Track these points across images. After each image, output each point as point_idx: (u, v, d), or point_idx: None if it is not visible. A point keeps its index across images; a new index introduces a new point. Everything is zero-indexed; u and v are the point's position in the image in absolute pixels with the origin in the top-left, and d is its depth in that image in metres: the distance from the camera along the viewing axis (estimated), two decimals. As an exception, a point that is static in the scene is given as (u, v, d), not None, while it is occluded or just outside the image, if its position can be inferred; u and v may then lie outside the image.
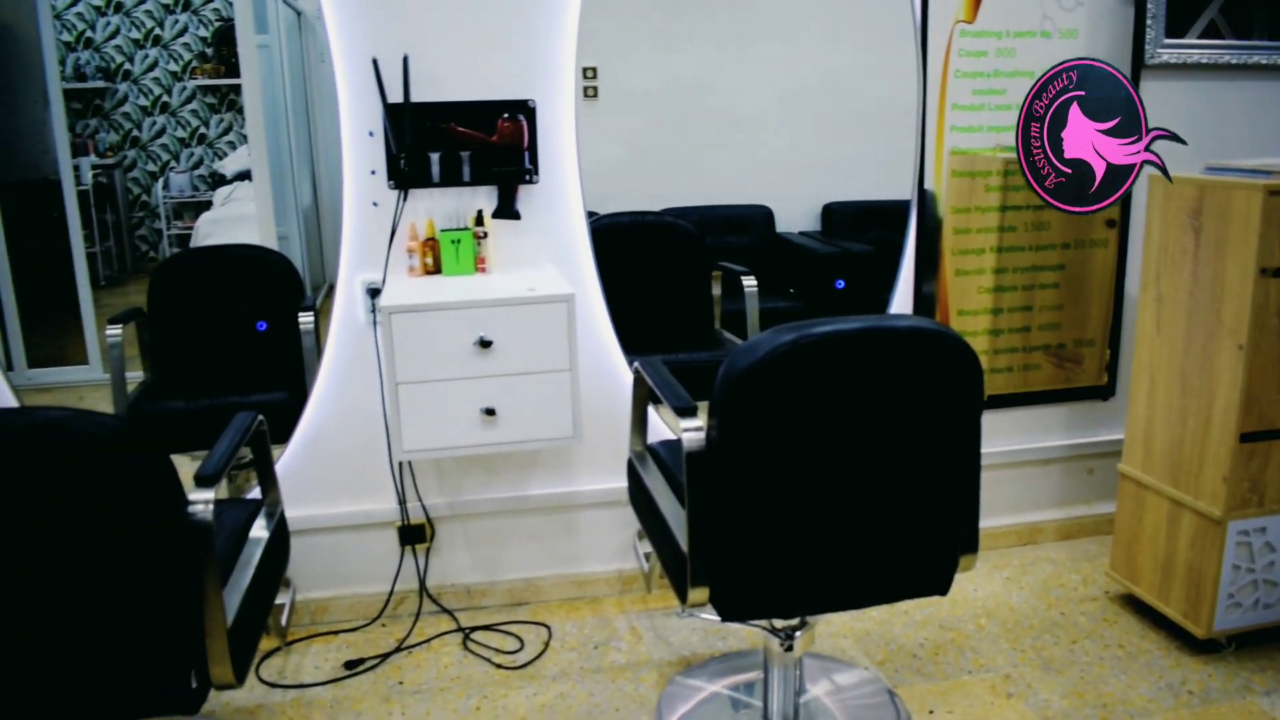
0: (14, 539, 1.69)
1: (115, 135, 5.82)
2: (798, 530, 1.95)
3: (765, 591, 2.02)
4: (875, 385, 1.88)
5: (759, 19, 3.28)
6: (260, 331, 3.05)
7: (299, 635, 2.92)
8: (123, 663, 1.79)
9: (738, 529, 1.95)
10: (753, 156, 3.43)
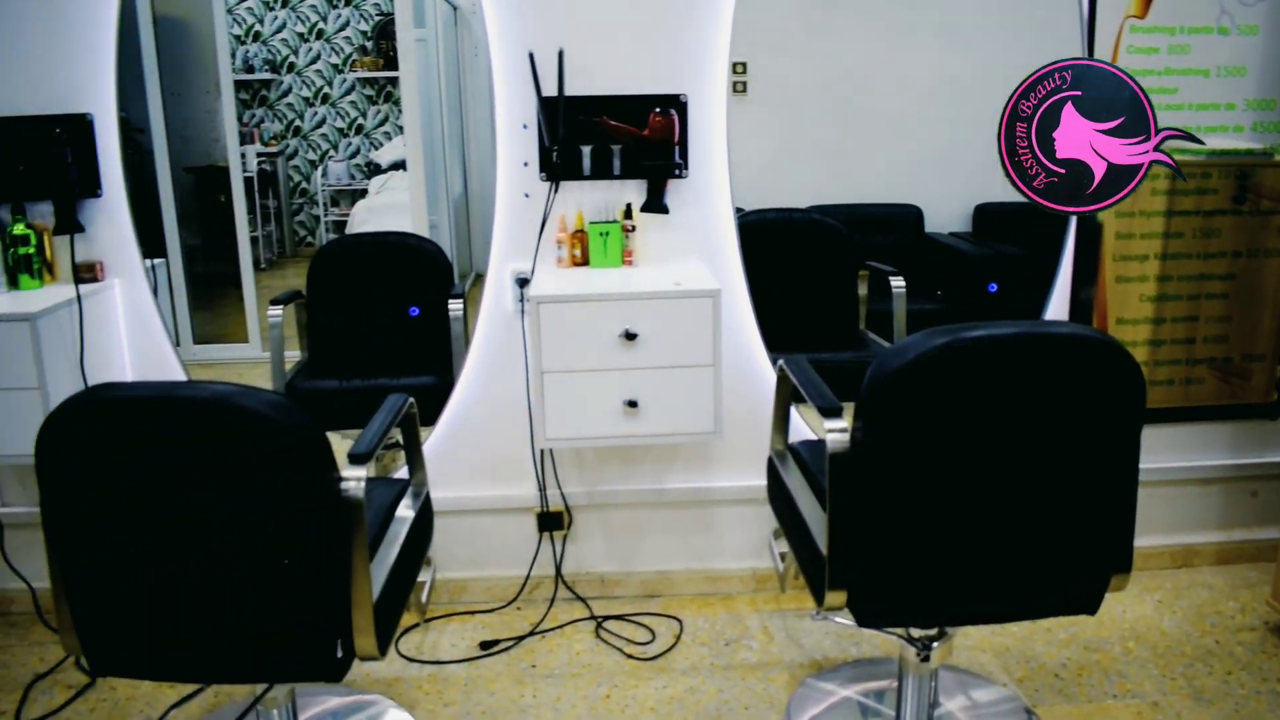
0: (178, 506, 1.78)
1: (279, 125, 6.09)
2: (942, 538, 1.90)
3: (905, 599, 1.98)
4: (1030, 393, 1.82)
5: (914, 14, 3.21)
6: (413, 317, 3.14)
7: (438, 613, 3.00)
8: (274, 628, 1.87)
9: (880, 534, 1.91)
10: (903, 154, 3.36)
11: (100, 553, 1.86)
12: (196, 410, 1.73)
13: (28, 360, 2.52)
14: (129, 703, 2.63)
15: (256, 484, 1.76)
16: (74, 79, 2.79)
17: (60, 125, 2.77)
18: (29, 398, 2.55)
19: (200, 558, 1.81)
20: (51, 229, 2.81)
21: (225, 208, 4.13)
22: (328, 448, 1.82)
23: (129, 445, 1.76)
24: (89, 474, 1.80)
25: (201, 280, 4.19)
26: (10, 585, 3.09)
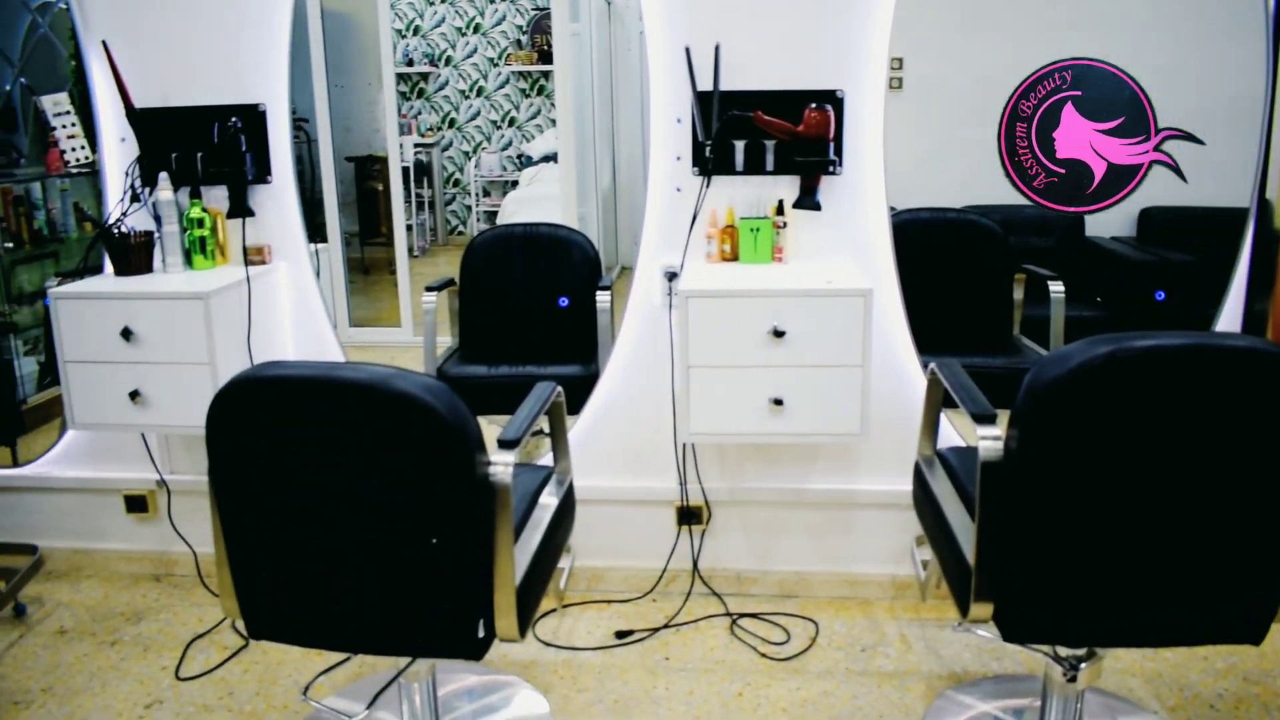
0: (334, 482, 1.84)
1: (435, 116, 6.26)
2: (1097, 555, 1.82)
3: (1054, 615, 1.91)
4: (1199, 407, 1.72)
5: (1078, 9, 3.08)
6: (562, 308, 3.19)
7: (575, 600, 3.04)
8: (420, 605, 1.92)
9: (1031, 546, 1.85)
10: (1063, 155, 3.23)
11: (260, 523, 1.94)
12: (355, 391, 1.79)
13: (200, 336, 2.65)
14: (279, 667, 2.75)
15: (408, 464, 1.81)
16: (249, 71, 2.92)
17: (237, 115, 2.90)
18: (199, 372, 2.68)
19: (353, 532, 1.88)
20: (225, 213, 2.95)
21: (383, 196, 4.26)
22: (478, 432, 1.86)
23: (291, 422, 1.83)
24: (253, 448, 1.88)
25: (357, 266, 4.34)
26: (175, 549, 3.27)
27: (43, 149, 3.71)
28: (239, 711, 2.57)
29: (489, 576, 1.91)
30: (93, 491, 3.29)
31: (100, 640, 2.94)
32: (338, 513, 1.87)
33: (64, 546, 3.36)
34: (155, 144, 2.93)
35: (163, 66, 2.93)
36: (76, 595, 3.20)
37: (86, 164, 3.67)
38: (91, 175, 3.73)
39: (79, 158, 3.67)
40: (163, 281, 2.79)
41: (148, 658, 2.83)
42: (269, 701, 2.61)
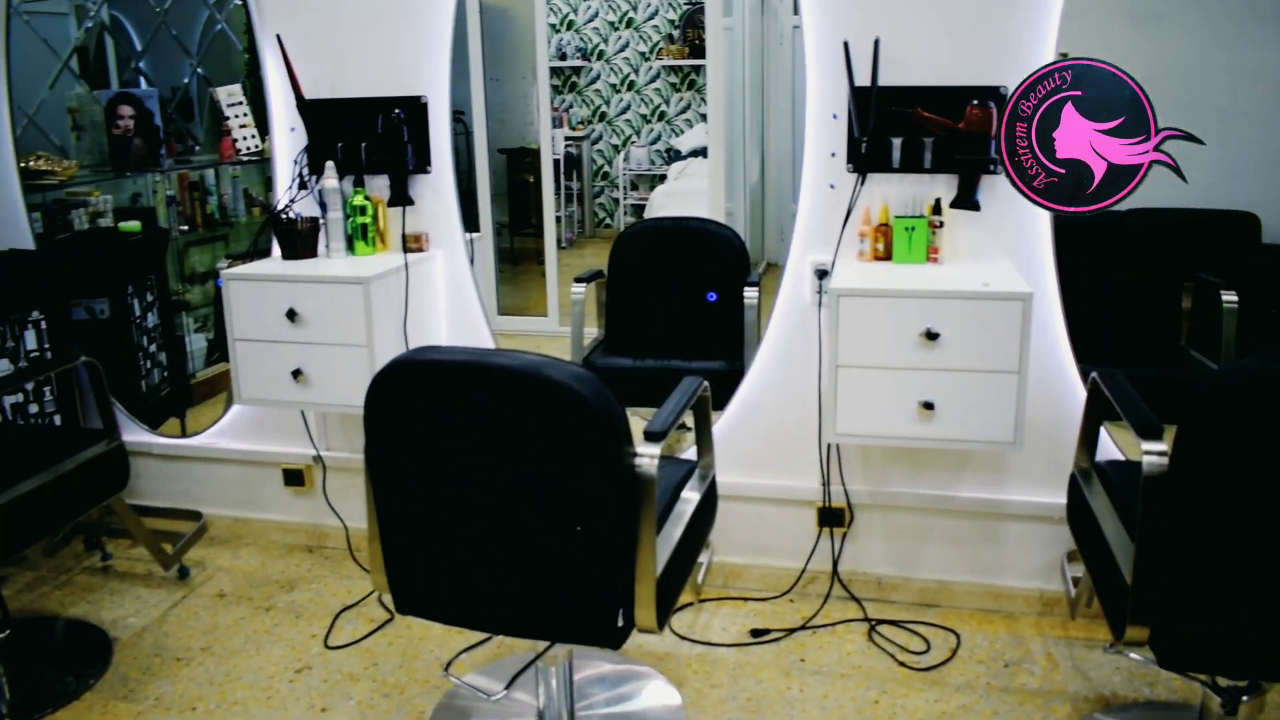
0: (483, 466, 1.88)
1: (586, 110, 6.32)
2: (1265, 581, 1.72)
3: (1216, 643, 1.81)
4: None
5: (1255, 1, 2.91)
6: (710, 303, 3.18)
7: (711, 595, 3.03)
8: (562, 591, 1.95)
9: (1195, 569, 1.75)
10: (1240, 156, 3.06)
11: (411, 502, 2.00)
12: (507, 378, 1.82)
13: (359, 320, 2.75)
14: (421, 642, 2.83)
15: (556, 452, 1.83)
16: (413, 64, 3.00)
17: (400, 107, 2.99)
18: (358, 354, 2.78)
19: (499, 516, 1.91)
20: (386, 201, 3.05)
21: (533, 188, 4.33)
22: (626, 423, 1.87)
23: (445, 405, 1.88)
24: (408, 429, 1.93)
25: (507, 256, 4.43)
26: (327, 522, 3.40)
27: (217, 138, 3.90)
28: (382, 683, 2.66)
29: (630, 567, 1.92)
30: (254, 464, 3.45)
31: (256, 605, 3.08)
32: (485, 496, 1.91)
33: (225, 514, 3.53)
34: (322, 134, 3.05)
35: (331, 59, 3.04)
36: (235, 561, 3.37)
37: (256, 152, 3.85)
38: (260, 163, 3.92)
39: (249, 146, 3.84)
40: (326, 266, 2.89)
41: (299, 625, 2.95)
42: (411, 675, 2.69)
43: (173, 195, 3.94)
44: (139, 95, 3.81)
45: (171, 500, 3.57)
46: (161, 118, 3.82)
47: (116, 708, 2.60)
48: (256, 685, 2.67)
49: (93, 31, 3.98)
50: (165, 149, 3.86)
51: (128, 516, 3.06)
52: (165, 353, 3.76)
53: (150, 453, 3.54)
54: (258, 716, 2.54)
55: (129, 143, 3.80)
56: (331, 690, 2.64)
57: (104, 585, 3.24)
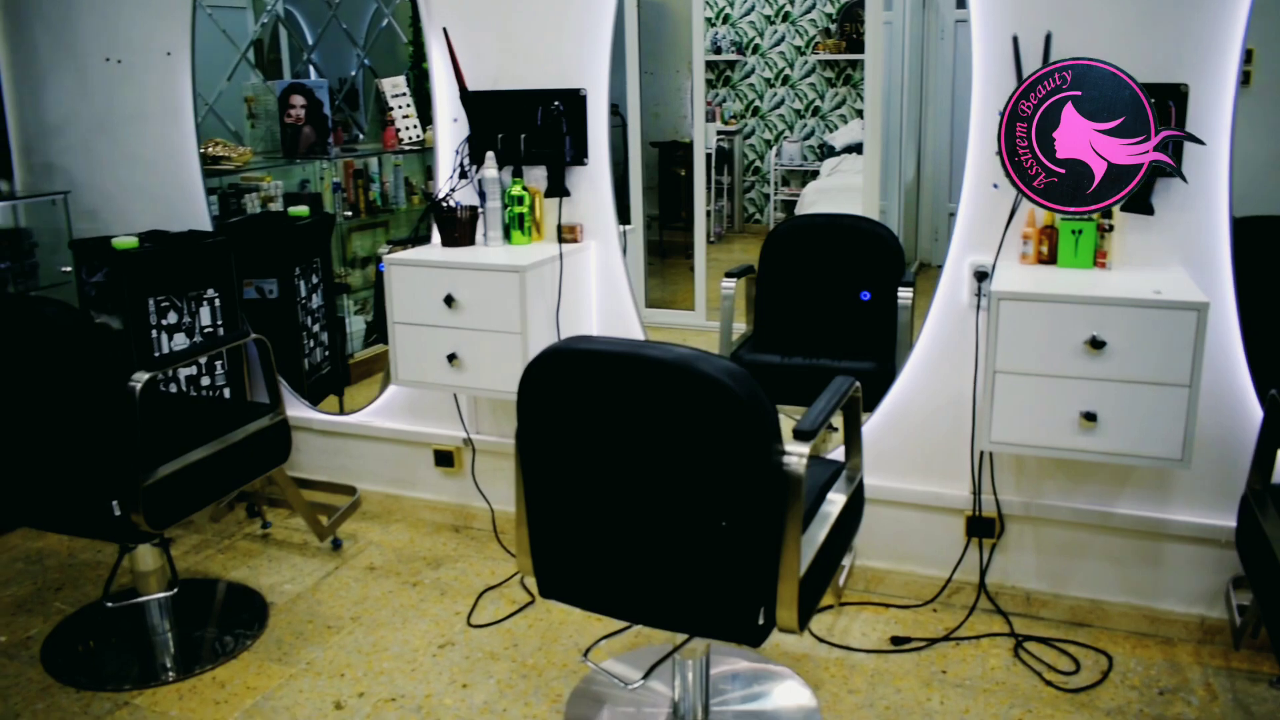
0: (631, 456, 1.90)
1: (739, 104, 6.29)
2: None
3: None
4: None
5: None
6: (864, 302, 3.13)
7: (852, 599, 2.99)
8: (704, 585, 1.95)
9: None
10: None
11: (560, 488, 2.03)
12: (659, 369, 1.83)
13: (514, 307, 2.80)
14: (561, 627, 2.87)
15: (705, 446, 1.83)
16: (573, 57, 3.04)
17: (559, 99, 3.04)
18: (512, 341, 2.83)
19: (645, 507, 1.92)
20: (543, 192, 3.10)
21: (684, 182, 4.33)
22: (776, 420, 1.86)
23: (596, 394, 1.90)
24: (559, 416, 1.96)
25: (655, 249, 4.44)
26: (474, 503, 3.49)
27: (380, 127, 4.04)
28: (521, 663, 2.71)
29: (774, 565, 1.90)
30: (406, 443, 3.56)
31: (403, 580, 3.18)
32: (633, 486, 1.92)
33: (378, 491, 3.66)
34: (484, 125, 3.12)
35: (495, 52, 3.11)
36: (386, 536, 3.48)
37: (417, 142, 3.97)
38: (421, 152, 4.03)
39: (411, 136, 3.96)
40: (484, 254, 2.96)
41: (444, 601, 3.04)
42: (549, 658, 2.73)
43: (338, 182, 4.10)
44: (310, 86, 3.97)
45: (328, 474, 3.72)
46: (330, 107, 3.98)
47: (270, 669, 2.73)
48: (402, 657, 2.76)
49: (268, 25, 4.16)
50: (333, 137, 4.02)
51: (288, 488, 3.20)
52: (327, 333, 3.92)
53: (310, 428, 3.69)
54: (402, 687, 2.62)
55: (299, 131, 3.96)
56: (472, 667, 2.70)
57: (263, 552, 3.40)
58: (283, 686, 2.65)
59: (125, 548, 2.84)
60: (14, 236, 3.74)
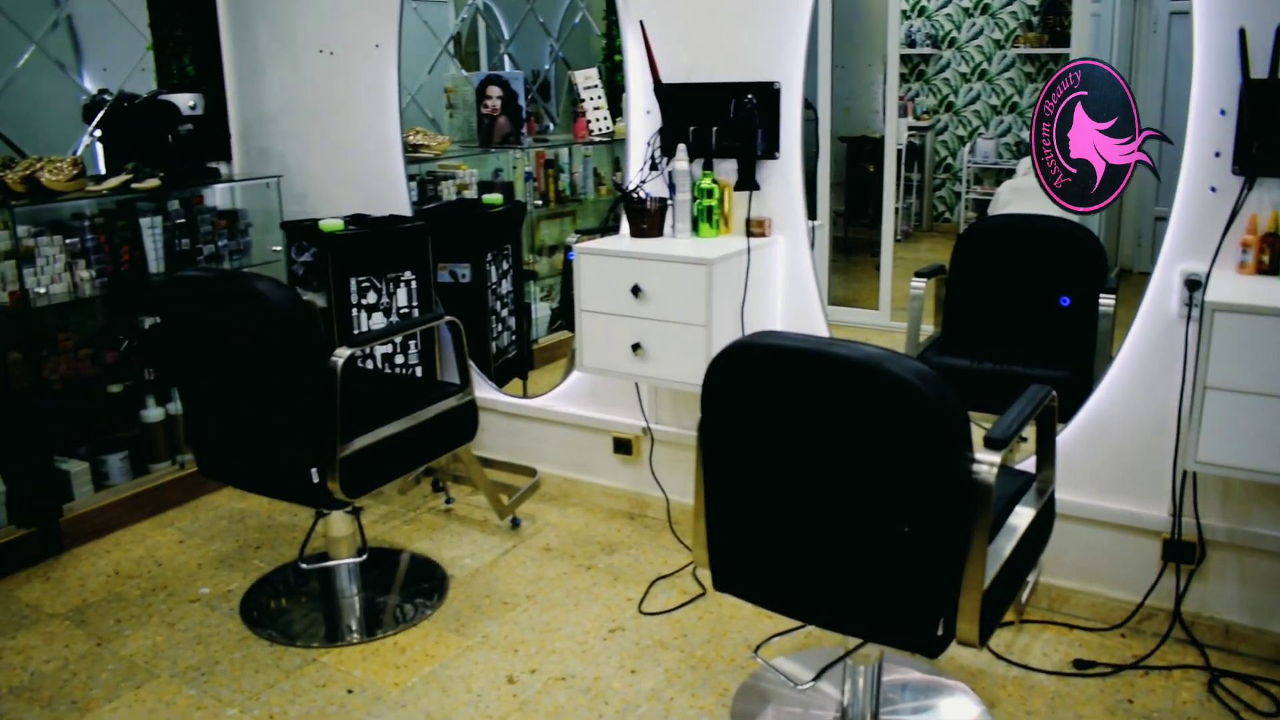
0: (814, 455, 1.87)
1: (932, 99, 6.11)
2: None
3: None
4: None
5: None
6: (1063, 307, 3.00)
7: (1033, 617, 2.87)
8: (882, 591, 1.91)
9: None
10: None
11: (740, 482, 2.03)
12: (847, 368, 1.80)
13: (700, 300, 2.81)
14: (730, 621, 2.87)
15: (892, 449, 1.79)
16: (768, 50, 3.02)
17: (753, 93, 3.02)
18: (696, 333, 2.84)
19: (826, 507, 1.90)
20: (733, 185, 3.09)
21: (872, 178, 4.25)
22: (967, 426, 1.80)
23: (782, 390, 1.89)
24: (744, 410, 1.96)
25: (840, 245, 4.38)
26: (650, 492, 3.53)
27: (572, 118, 4.11)
28: (690, 654, 2.72)
29: (957, 576, 1.85)
30: (587, 429, 3.63)
31: (578, 563, 3.24)
32: (815, 485, 1.90)
33: (557, 474, 3.74)
34: (676, 117, 3.13)
35: (689, 44, 3.12)
36: (563, 519, 3.56)
37: (606, 134, 4.02)
38: (610, 144, 4.09)
39: (601, 128, 4.02)
40: (672, 246, 2.98)
41: (616, 587, 3.08)
42: (718, 651, 2.74)
43: (530, 171, 4.20)
44: (506, 78, 4.08)
45: (510, 455, 3.83)
46: (524, 99, 4.08)
47: (448, 639, 2.83)
48: (573, 638, 2.82)
49: (468, 19, 4.30)
50: (525, 128, 4.12)
51: (473, 466, 3.31)
52: (514, 318, 4.03)
53: (495, 409, 3.81)
54: (572, 667, 2.68)
55: (495, 121, 4.08)
56: (641, 654, 2.73)
57: (445, 526, 3.53)
58: (459, 657, 2.74)
59: (320, 513, 3.00)
60: (231, 216, 3.99)
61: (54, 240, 3.43)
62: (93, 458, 3.62)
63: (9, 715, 2.55)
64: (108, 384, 3.66)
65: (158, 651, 2.81)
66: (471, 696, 2.57)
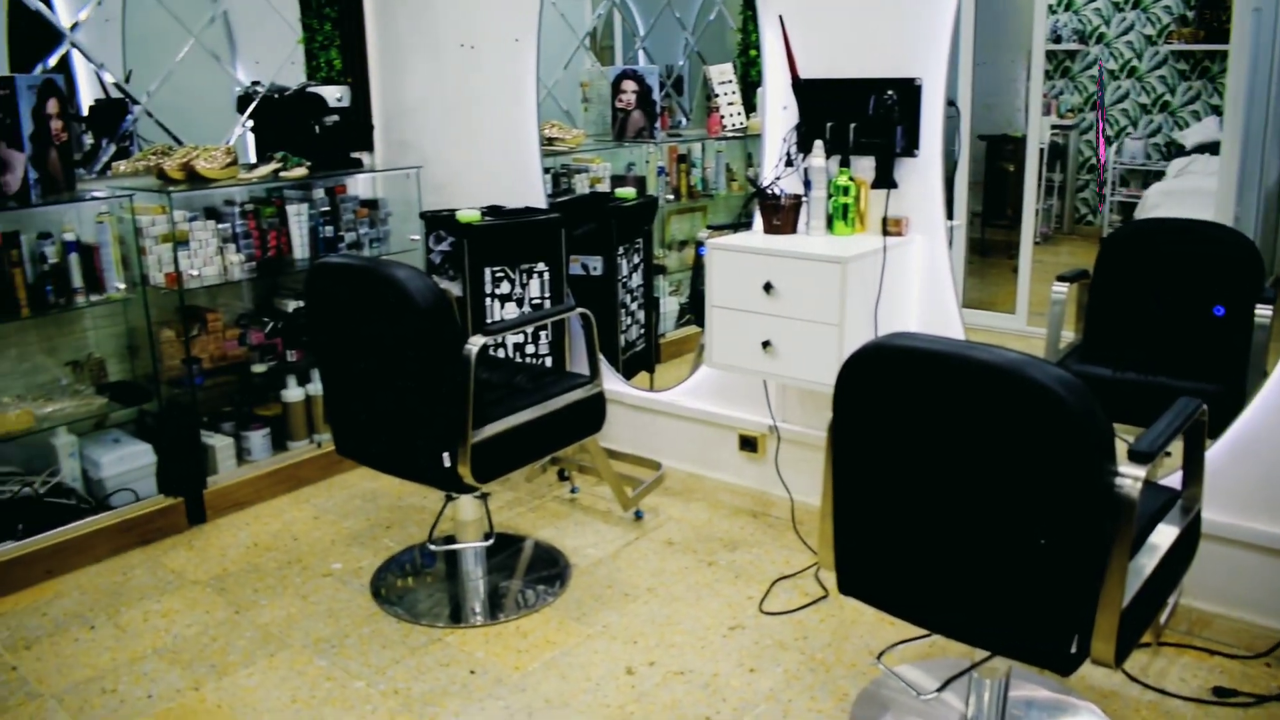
0: (949, 460, 1.83)
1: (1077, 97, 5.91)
2: None
3: None
4: None
5: None
6: (1218, 317, 2.87)
7: (1172, 640, 2.75)
8: (1014, 603, 1.86)
9: None
10: None
11: (869, 485, 2.00)
12: (988, 373, 1.76)
13: (833, 298, 2.77)
14: (852, 625, 2.84)
15: (1031, 458, 1.74)
16: (911, 46, 2.96)
17: (893, 89, 2.97)
18: (828, 332, 2.81)
19: (959, 514, 1.86)
20: (870, 183, 3.04)
21: (1012, 177, 4.14)
22: (1111, 437, 1.74)
23: (917, 394, 1.85)
24: (877, 412, 1.93)
25: (976, 246, 4.28)
26: (774, 491, 3.51)
27: (705, 113, 4.11)
28: (810, 656, 2.70)
29: (1095, 592, 1.79)
30: (712, 425, 3.63)
31: (700, 558, 3.25)
32: (948, 491, 1.86)
33: (681, 468, 3.75)
34: (813, 113, 3.10)
35: (828, 39, 3.08)
36: (686, 513, 3.57)
37: (739, 129, 4.01)
38: (742, 139, 4.08)
39: (734, 123, 4.01)
40: (805, 243, 2.94)
41: (737, 584, 3.08)
42: (839, 655, 2.71)
43: (662, 166, 4.22)
44: (641, 72, 4.11)
45: (635, 448, 3.86)
46: (658, 93, 4.10)
47: (569, 626, 2.87)
48: (693, 633, 2.82)
49: (605, 14, 4.33)
50: (659, 122, 4.14)
51: (599, 457, 3.35)
52: (643, 311, 4.05)
53: (621, 401, 3.84)
54: (691, 662, 2.68)
55: (629, 115, 4.11)
56: (761, 653, 2.72)
57: (569, 515, 3.58)
58: (580, 645, 2.78)
59: (450, 497, 3.08)
60: (372, 205, 4.12)
61: (207, 225, 3.59)
62: (236, 434, 3.79)
63: (152, 674, 2.69)
64: (252, 364, 3.82)
65: (291, 622, 2.93)
66: (590, 685, 2.60)
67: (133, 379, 3.61)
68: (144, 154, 3.66)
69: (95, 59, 3.61)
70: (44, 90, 3.13)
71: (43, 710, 2.55)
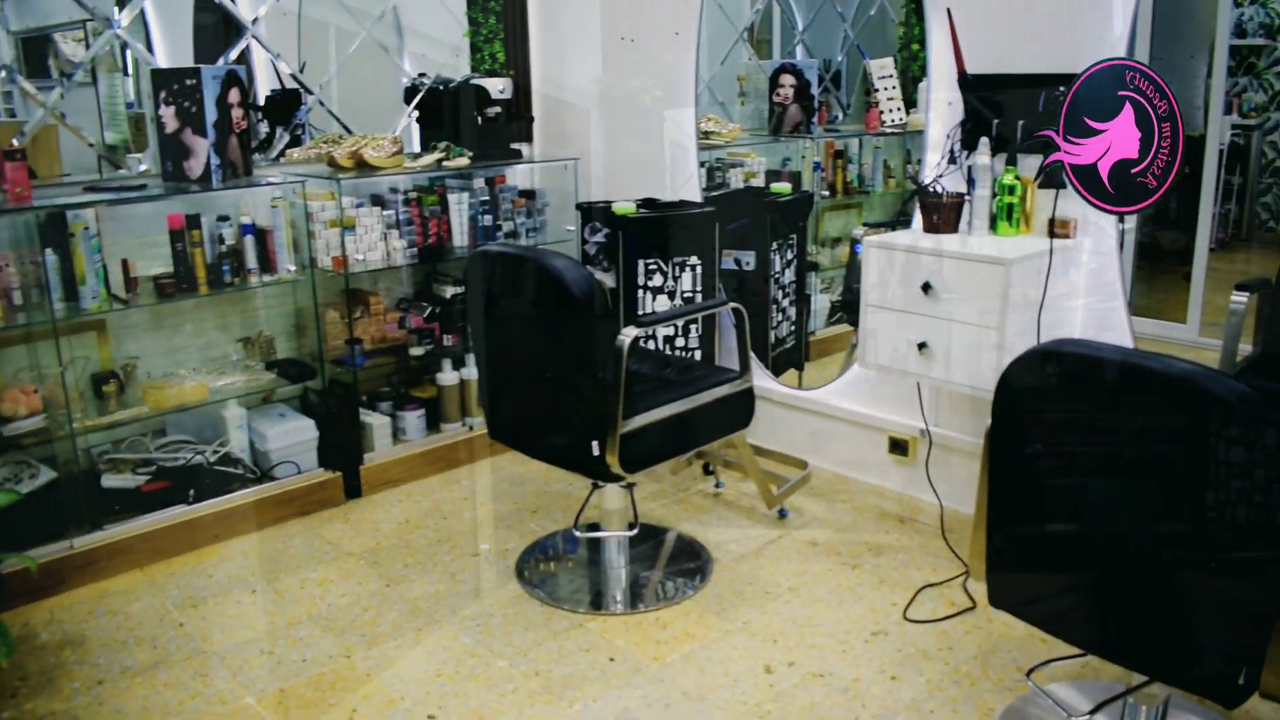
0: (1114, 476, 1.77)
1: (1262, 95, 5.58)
2: None
3: None
4: None
5: None
6: None
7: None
8: (1181, 630, 1.78)
9: None
10: None
11: (1028, 496, 1.94)
12: (1161, 384, 1.69)
13: (995, 301, 2.69)
14: (1001, 640, 2.75)
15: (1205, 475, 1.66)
16: (1085, 39, 2.85)
17: (1065, 84, 2.86)
18: (988, 335, 2.73)
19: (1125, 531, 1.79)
20: (1037, 182, 2.94)
21: (1188, 180, 3.94)
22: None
23: (1086, 403, 1.79)
24: (1042, 420, 1.87)
25: (1146, 251, 4.08)
26: (923, 497, 3.43)
27: (863, 109, 4.05)
28: (955, 668, 2.63)
29: (1269, 624, 1.69)
30: (862, 426, 3.58)
31: (843, 561, 3.20)
32: (1113, 507, 1.79)
33: (827, 469, 3.72)
34: (980, 109, 3.01)
35: (998, 34, 2.98)
36: (831, 515, 3.53)
37: (899, 125, 3.93)
38: (901, 136, 3.99)
39: (894, 119, 3.93)
40: (967, 243, 2.86)
41: (881, 590, 3.02)
42: (985, 669, 2.63)
43: (818, 161, 4.17)
44: (800, 66, 4.07)
45: (781, 445, 3.83)
46: (816, 88, 4.05)
47: (709, 621, 2.87)
48: (834, 636, 2.79)
49: (764, 7, 4.30)
50: (816, 117, 4.09)
51: (745, 453, 3.34)
52: (795, 308, 4.02)
53: (770, 398, 3.82)
54: (831, 665, 2.65)
55: (786, 110, 4.08)
56: (903, 661, 2.67)
57: (712, 510, 3.58)
58: (719, 640, 2.78)
59: (596, 485, 3.11)
60: (530, 195, 4.20)
61: (373, 211, 3.73)
62: (393, 414, 3.92)
63: (306, 639, 2.81)
64: (410, 347, 3.95)
65: (439, 599, 3.02)
66: (728, 681, 2.60)
67: (299, 357, 3.78)
68: (315, 142, 3.83)
69: (272, 51, 3.78)
70: (227, 81, 3.30)
71: (206, 666, 2.70)
